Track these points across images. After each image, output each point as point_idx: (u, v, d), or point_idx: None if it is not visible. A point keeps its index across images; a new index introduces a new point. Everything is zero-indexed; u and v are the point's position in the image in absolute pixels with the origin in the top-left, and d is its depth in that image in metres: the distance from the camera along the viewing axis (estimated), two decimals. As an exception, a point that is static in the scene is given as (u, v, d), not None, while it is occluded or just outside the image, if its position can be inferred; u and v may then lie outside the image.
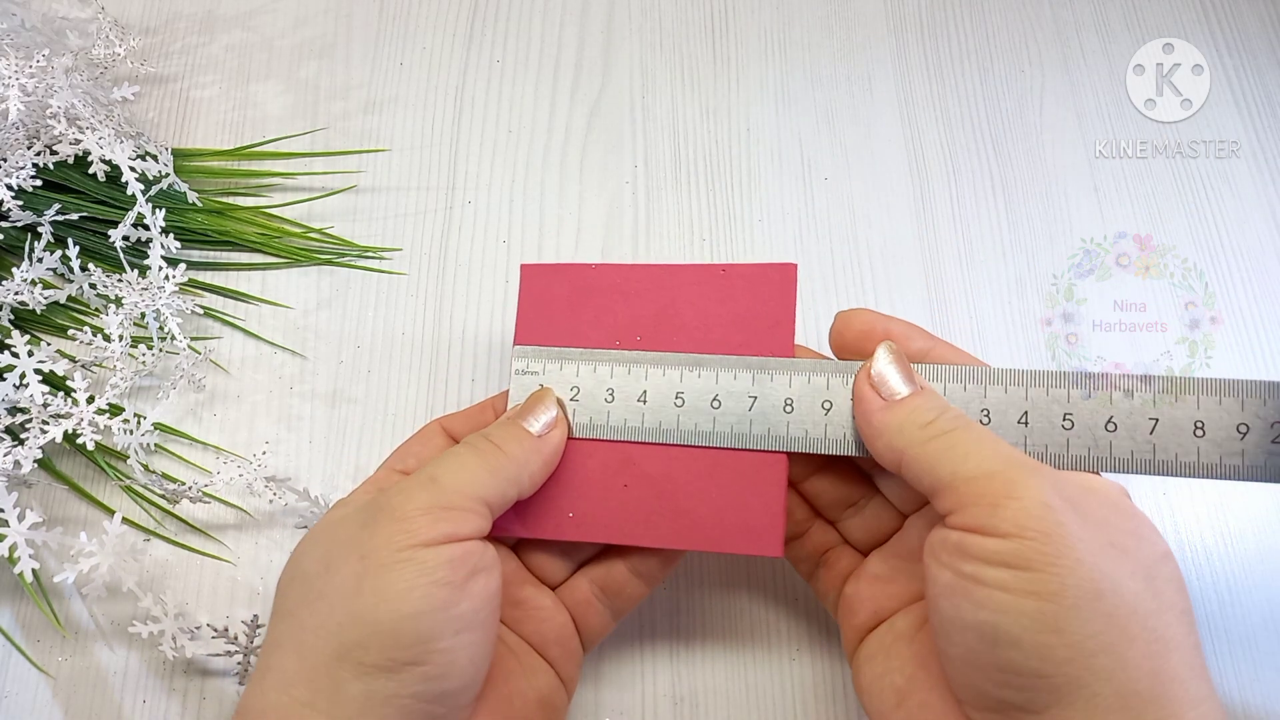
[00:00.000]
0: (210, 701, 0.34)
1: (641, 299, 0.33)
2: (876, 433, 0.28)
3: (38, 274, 0.37)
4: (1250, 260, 0.42)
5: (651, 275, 0.33)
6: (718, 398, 0.31)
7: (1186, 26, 0.47)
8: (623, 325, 0.33)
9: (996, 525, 0.24)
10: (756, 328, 0.32)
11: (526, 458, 0.29)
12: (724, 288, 0.32)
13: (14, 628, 0.35)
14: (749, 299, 0.32)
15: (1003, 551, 0.23)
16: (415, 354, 0.40)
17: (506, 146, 0.44)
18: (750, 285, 0.32)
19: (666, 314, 0.32)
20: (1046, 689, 0.23)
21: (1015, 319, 0.41)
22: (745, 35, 0.47)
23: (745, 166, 0.44)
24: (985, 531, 0.24)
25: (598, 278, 0.33)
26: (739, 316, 0.32)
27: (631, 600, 0.32)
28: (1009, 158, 0.44)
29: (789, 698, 0.35)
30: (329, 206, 0.43)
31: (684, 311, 0.32)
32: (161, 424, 0.38)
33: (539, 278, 0.33)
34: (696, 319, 0.32)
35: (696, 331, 0.32)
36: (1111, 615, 0.23)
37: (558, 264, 0.34)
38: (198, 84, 0.46)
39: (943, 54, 0.46)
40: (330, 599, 0.25)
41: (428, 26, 0.47)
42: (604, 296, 0.33)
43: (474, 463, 0.28)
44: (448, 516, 0.26)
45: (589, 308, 0.33)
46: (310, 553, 0.27)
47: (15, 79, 0.37)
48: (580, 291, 0.33)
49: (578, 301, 0.33)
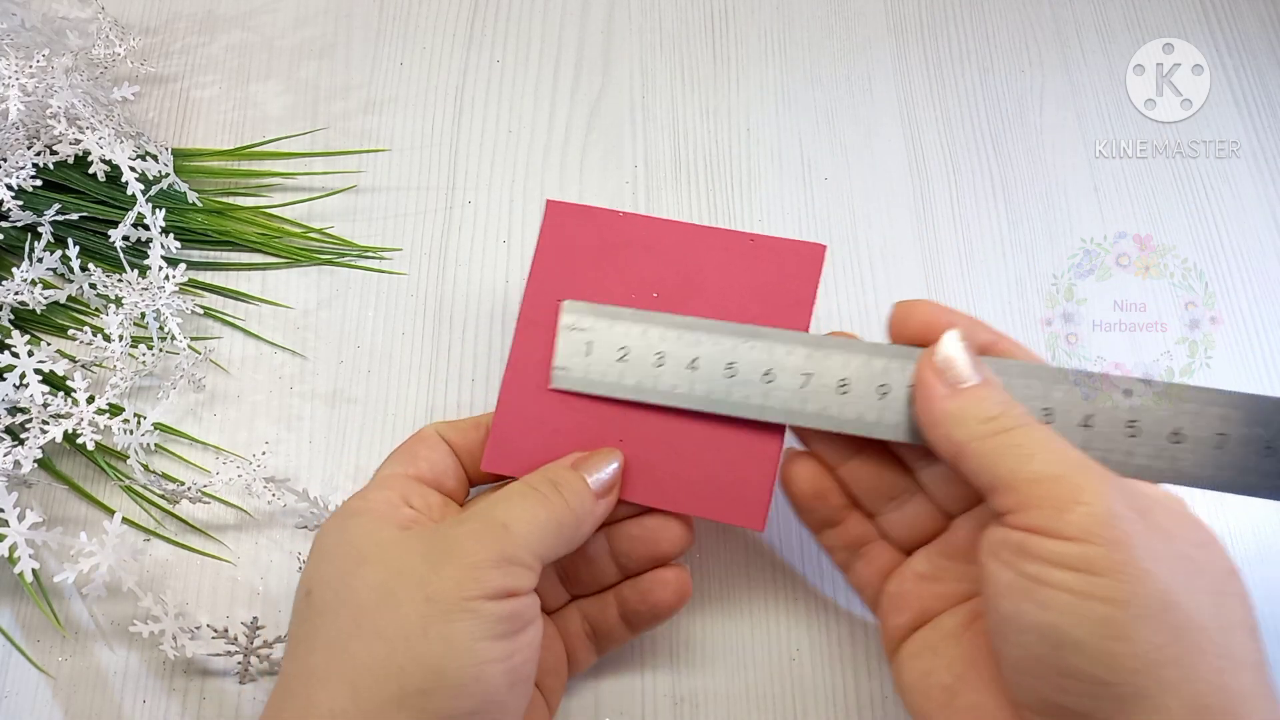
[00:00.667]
0: (210, 701, 0.34)
1: (666, 256, 0.32)
2: (936, 421, 0.27)
3: (38, 274, 0.37)
4: (1250, 260, 0.42)
5: (679, 233, 0.33)
6: (771, 371, 0.30)
7: (1186, 26, 0.47)
8: (643, 281, 0.32)
9: (1062, 529, 0.23)
10: (776, 303, 0.32)
11: (583, 518, 0.29)
12: (750, 257, 0.32)
13: (14, 628, 0.35)
14: (774, 272, 0.32)
15: (1069, 554, 0.23)
16: (415, 354, 0.40)
17: (506, 146, 0.44)
18: (777, 259, 0.32)
19: (689, 275, 0.32)
20: (1111, 698, 0.22)
21: (1015, 319, 0.41)
22: (745, 35, 0.47)
23: (745, 166, 0.44)
24: (1051, 534, 0.23)
25: (626, 228, 0.33)
26: (761, 288, 0.32)
27: (617, 643, 0.32)
28: (1009, 158, 0.44)
29: (789, 698, 0.35)
30: (329, 206, 0.43)
31: (707, 275, 0.32)
32: (161, 424, 0.38)
33: (565, 218, 0.33)
34: (718, 284, 0.32)
35: (715, 296, 0.32)
36: (1181, 628, 0.22)
37: (586, 206, 0.33)
38: (198, 84, 0.46)
39: (943, 54, 0.46)
40: (391, 640, 0.25)
41: (428, 26, 0.47)
42: (629, 249, 0.33)
43: (543, 516, 0.27)
44: (514, 572, 0.26)
45: (613, 258, 0.33)
46: (362, 576, 0.26)
47: (15, 79, 0.37)
48: (606, 240, 0.33)
49: (601, 250, 0.33)
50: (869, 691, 0.35)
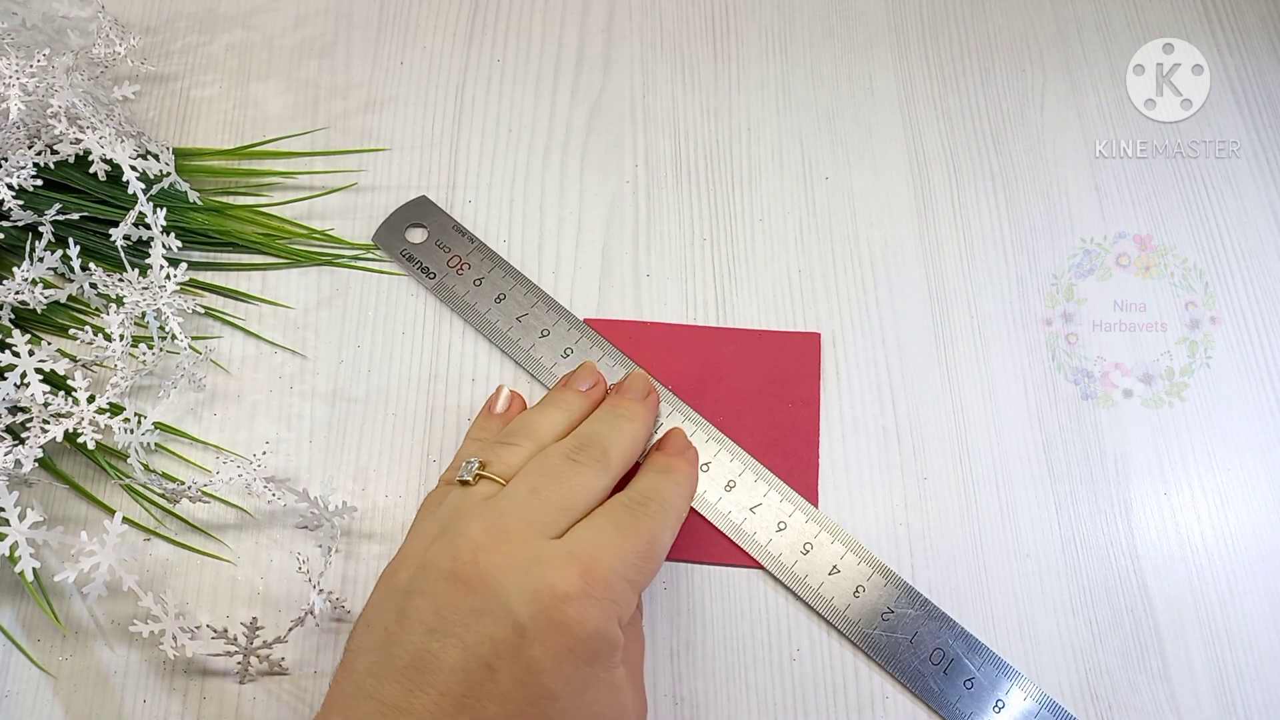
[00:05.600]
0: (211, 701, 0.34)
1: (684, 355, 0.40)
2: None
3: (38, 273, 0.37)
4: (1250, 260, 0.42)
5: (692, 334, 0.40)
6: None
7: (1187, 26, 0.47)
8: (666, 377, 0.39)
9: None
10: (788, 383, 0.39)
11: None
12: (757, 347, 0.40)
13: (15, 627, 0.35)
14: (780, 359, 0.39)
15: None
16: (415, 354, 0.40)
17: (506, 146, 0.44)
18: (780, 348, 0.40)
19: (706, 372, 0.39)
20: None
21: (1016, 319, 0.41)
22: (746, 34, 0.47)
23: (746, 165, 0.44)
24: None
25: (647, 332, 0.40)
26: (772, 374, 0.39)
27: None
28: (1010, 157, 0.44)
29: (789, 698, 0.35)
30: (329, 206, 0.43)
31: (724, 369, 0.39)
32: (162, 423, 0.38)
33: (598, 330, 0.40)
34: (735, 374, 0.39)
35: (734, 385, 0.39)
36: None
37: (615, 321, 0.40)
38: (198, 83, 0.46)
39: (944, 53, 0.46)
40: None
41: (428, 26, 0.47)
42: (653, 350, 0.39)
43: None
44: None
45: (638, 359, 0.39)
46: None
47: (16, 78, 0.37)
48: (632, 344, 0.40)
49: (628, 353, 0.39)
50: (869, 691, 0.35)
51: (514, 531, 0.28)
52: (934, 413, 0.39)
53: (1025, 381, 0.40)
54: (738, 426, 0.38)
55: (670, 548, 0.31)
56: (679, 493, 0.33)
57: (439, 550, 0.29)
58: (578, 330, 0.40)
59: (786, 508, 0.36)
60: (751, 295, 0.41)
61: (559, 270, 0.42)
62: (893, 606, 0.35)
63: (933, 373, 0.40)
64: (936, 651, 0.34)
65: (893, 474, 0.38)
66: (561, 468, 0.31)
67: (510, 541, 0.28)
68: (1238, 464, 0.38)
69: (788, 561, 0.36)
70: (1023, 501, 0.38)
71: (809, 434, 0.38)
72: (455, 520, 0.30)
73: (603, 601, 0.27)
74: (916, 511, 0.37)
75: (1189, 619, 0.36)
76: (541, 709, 0.26)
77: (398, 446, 0.39)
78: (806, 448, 0.38)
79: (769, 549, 0.36)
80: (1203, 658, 0.35)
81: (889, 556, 0.37)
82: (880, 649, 0.34)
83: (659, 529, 0.31)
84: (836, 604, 0.35)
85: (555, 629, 0.26)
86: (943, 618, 0.35)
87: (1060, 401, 0.39)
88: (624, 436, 0.33)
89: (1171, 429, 0.39)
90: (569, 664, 0.26)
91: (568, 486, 0.30)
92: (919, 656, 0.34)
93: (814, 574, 0.35)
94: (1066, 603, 0.36)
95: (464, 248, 0.41)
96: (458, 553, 0.28)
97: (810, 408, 0.38)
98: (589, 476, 0.31)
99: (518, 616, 0.27)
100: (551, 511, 0.29)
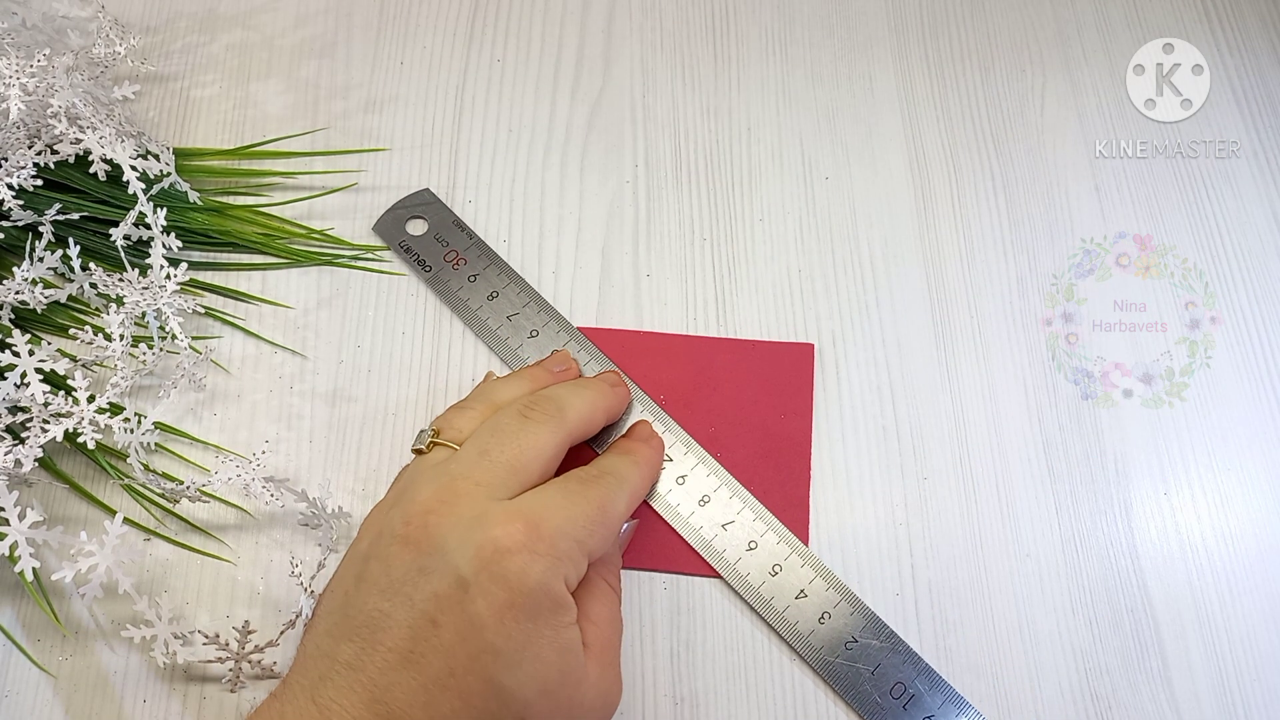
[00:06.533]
0: (211, 702, 0.34)
1: (678, 363, 0.39)
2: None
3: (38, 273, 0.37)
4: (1250, 260, 0.42)
5: (687, 344, 0.40)
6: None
7: (1187, 26, 0.47)
8: (655, 386, 0.39)
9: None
10: (781, 393, 0.39)
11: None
12: (751, 358, 0.39)
13: (15, 627, 0.35)
14: (774, 370, 0.39)
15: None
16: (415, 354, 0.40)
17: (506, 146, 0.44)
18: (774, 358, 0.39)
19: (700, 381, 0.39)
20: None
21: (1016, 318, 0.41)
22: (746, 34, 0.47)
23: (746, 165, 0.44)
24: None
25: (642, 341, 0.40)
26: (765, 384, 0.39)
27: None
28: (1010, 157, 0.44)
29: (789, 698, 0.35)
30: (329, 206, 0.43)
31: (718, 379, 0.39)
32: (162, 423, 0.38)
33: (592, 339, 0.40)
34: (728, 385, 0.39)
35: (727, 395, 0.38)
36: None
37: (610, 329, 0.40)
38: (198, 83, 0.46)
39: (944, 53, 0.46)
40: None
41: (428, 26, 0.47)
42: (647, 359, 0.39)
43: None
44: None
45: (632, 369, 0.39)
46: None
47: (16, 78, 0.37)
48: (627, 352, 0.39)
49: (623, 361, 0.39)
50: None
51: (462, 493, 0.29)
52: (934, 413, 0.39)
53: (1025, 381, 0.40)
54: (730, 437, 0.38)
55: (625, 519, 0.32)
56: (637, 472, 0.33)
57: (393, 516, 0.29)
58: (567, 333, 0.39)
59: (759, 527, 0.36)
60: (751, 295, 0.41)
61: (559, 270, 0.42)
62: (857, 636, 0.34)
63: (932, 372, 0.40)
64: (898, 686, 0.34)
65: (893, 474, 0.38)
66: (512, 425, 0.31)
67: (458, 503, 0.28)
68: (1238, 464, 0.38)
69: (755, 581, 0.35)
70: (1023, 501, 0.38)
71: (801, 445, 0.38)
72: (408, 486, 0.30)
73: (546, 558, 0.27)
74: (916, 511, 0.37)
75: (1189, 619, 0.36)
76: (484, 664, 0.26)
77: (398, 446, 0.39)
78: (799, 459, 0.38)
79: (737, 567, 0.35)
80: (1203, 657, 0.35)
81: (889, 556, 0.37)
82: (840, 678, 0.34)
83: (611, 498, 0.31)
84: (800, 629, 0.34)
85: (496, 582, 0.27)
86: (908, 652, 0.34)
87: (1060, 401, 0.39)
88: (582, 399, 0.33)
89: (1171, 429, 0.39)
90: (510, 618, 0.27)
91: (518, 445, 0.30)
92: (880, 689, 0.34)
93: (780, 596, 0.35)
94: (1066, 603, 0.36)
95: (462, 243, 0.41)
96: (409, 517, 0.29)
97: (803, 419, 0.38)
98: (541, 433, 0.31)
99: (460, 571, 0.27)
100: (501, 473, 0.29)
